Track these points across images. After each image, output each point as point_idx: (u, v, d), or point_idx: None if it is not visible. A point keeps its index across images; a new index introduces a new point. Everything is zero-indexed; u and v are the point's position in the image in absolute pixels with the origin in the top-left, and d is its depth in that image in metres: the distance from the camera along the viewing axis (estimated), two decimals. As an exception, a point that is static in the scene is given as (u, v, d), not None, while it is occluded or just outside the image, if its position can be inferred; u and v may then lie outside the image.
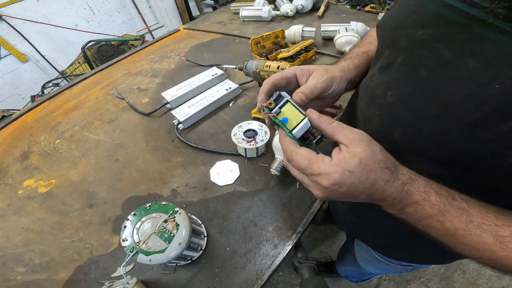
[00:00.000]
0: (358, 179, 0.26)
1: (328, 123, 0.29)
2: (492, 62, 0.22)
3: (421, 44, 0.27)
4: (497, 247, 0.24)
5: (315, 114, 0.30)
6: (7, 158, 0.73)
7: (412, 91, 0.28)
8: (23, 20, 2.01)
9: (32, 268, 0.50)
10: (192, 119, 0.74)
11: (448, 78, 0.25)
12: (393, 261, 0.57)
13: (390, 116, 0.31)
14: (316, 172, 0.27)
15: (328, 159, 0.27)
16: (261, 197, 0.57)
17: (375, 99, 0.34)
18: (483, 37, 0.22)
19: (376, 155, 0.27)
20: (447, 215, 0.25)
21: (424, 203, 0.26)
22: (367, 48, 0.45)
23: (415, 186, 0.27)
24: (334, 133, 0.29)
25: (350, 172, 0.26)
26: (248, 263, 0.48)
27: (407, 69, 0.29)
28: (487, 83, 0.22)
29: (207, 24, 1.32)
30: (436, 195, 0.26)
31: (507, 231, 0.24)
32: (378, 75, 0.34)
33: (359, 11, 1.24)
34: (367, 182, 0.26)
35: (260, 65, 0.64)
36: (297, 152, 0.29)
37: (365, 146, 0.27)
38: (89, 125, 0.79)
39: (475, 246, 0.25)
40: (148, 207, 0.44)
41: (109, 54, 1.73)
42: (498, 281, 1.19)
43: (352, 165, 0.26)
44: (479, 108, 0.22)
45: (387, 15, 0.36)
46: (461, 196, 0.26)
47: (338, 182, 0.26)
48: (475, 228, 0.25)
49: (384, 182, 0.26)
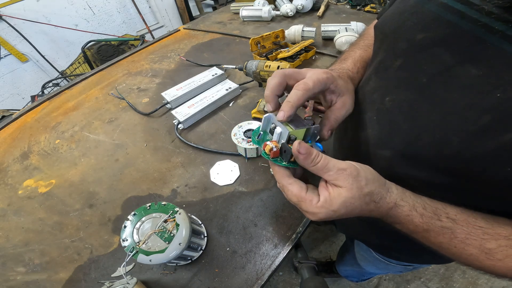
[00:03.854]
0: (342, 215, 0.28)
1: (312, 164, 0.27)
2: (495, 69, 0.21)
3: (421, 48, 0.27)
4: (483, 257, 0.25)
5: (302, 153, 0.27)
6: (7, 158, 0.73)
7: (410, 97, 0.28)
8: (23, 20, 2.01)
9: (32, 268, 0.50)
10: (192, 119, 0.74)
11: (448, 85, 0.24)
12: (393, 261, 0.57)
13: (388, 122, 0.31)
14: (304, 209, 0.29)
15: (315, 200, 0.28)
16: (261, 197, 0.57)
17: (372, 105, 0.33)
18: (486, 42, 0.22)
19: (362, 190, 0.26)
20: (431, 232, 0.27)
21: (408, 224, 0.28)
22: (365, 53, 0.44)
23: (398, 212, 0.28)
24: (319, 173, 0.28)
25: (334, 211, 0.27)
26: (248, 263, 0.48)
27: (406, 74, 0.28)
28: (489, 91, 0.21)
29: (207, 24, 1.32)
30: (420, 217, 0.27)
31: (493, 244, 0.24)
32: (375, 79, 0.34)
33: (359, 11, 1.24)
34: (352, 214, 0.28)
35: (260, 65, 0.64)
36: (288, 188, 0.29)
37: (351, 184, 0.26)
38: (89, 125, 0.79)
39: (461, 256, 0.26)
40: (148, 207, 0.44)
41: (109, 54, 1.73)
42: (498, 281, 1.19)
43: (336, 205, 0.26)
44: (480, 116, 0.22)
45: (385, 16, 0.35)
46: (448, 215, 0.27)
47: (323, 218, 0.28)
48: (459, 242, 0.26)
49: (369, 212, 0.28)
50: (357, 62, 0.42)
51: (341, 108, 0.34)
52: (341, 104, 0.34)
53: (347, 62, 0.42)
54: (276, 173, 0.31)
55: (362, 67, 0.42)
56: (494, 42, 0.21)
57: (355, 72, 0.40)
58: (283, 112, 0.29)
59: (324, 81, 0.32)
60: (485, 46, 0.22)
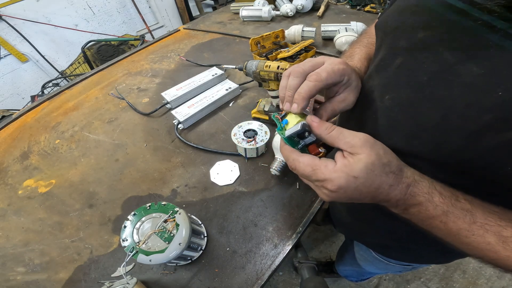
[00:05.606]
0: (363, 184, 0.25)
1: (327, 132, 0.28)
2: (497, 68, 0.21)
3: (422, 47, 0.26)
4: (499, 247, 0.24)
5: (315, 121, 0.29)
6: (7, 158, 0.73)
7: (411, 95, 0.27)
8: (23, 20, 2.01)
9: (32, 268, 0.50)
10: (192, 119, 0.74)
11: (449, 83, 0.24)
12: (392, 261, 0.57)
13: (388, 121, 0.30)
14: (320, 178, 0.27)
15: (331, 164, 0.27)
16: (261, 197, 0.57)
17: (372, 102, 0.33)
18: (487, 41, 0.21)
19: (381, 159, 0.26)
20: (451, 216, 0.25)
21: (428, 204, 0.26)
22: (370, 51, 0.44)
23: (418, 188, 0.26)
24: (334, 141, 0.28)
25: (355, 178, 0.25)
26: (248, 263, 0.48)
27: (406, 72, 0.28)
28: (490, 90, 0.21)
29: (207, 24, 1.32)
30: (439, 196, 0.26)
31: (510, 232, 0.23)
32: (375, 77, 0.34)
33: (359, 11, 1.24)
34: (372, 187, 0.26)
35: (260, 65, 0.64)
36: (299, 160, 0.28)
37: (369, 150, 0.26)
38: (89, 125, 0.79)
39: (478, 246, 0.25)
40: (148, 207, 0.44)
41: (109, 54, 1.73)
42: (498, 281, 1.19)
43: (357, 170, 0.25)
44: (481, 116, 0.22)
45: (386, 14, 0.35)
46: (465, 197, 0.26)
47: (343, 187, 0.26)
48: (478, 228, 0.24)
49: (389, 186, 0.26)
50: (364, 60, 0.42)
51: (342, 102, 0.34)
52: (343, 97, 0.34)
53: (353, 59, 0.42)
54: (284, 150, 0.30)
55: (367, 65, 0.42)
56: (496, 41, 0.21)
57: (363, 71, 0.40)
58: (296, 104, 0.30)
59: (340, 72, 0.31)
60: (487, 45, 0.22)
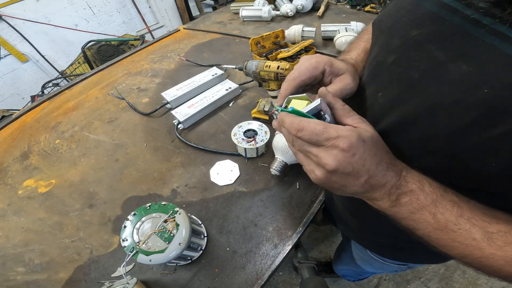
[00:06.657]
0: (369, 151, 0.25)
1: (342, 103, 0.29)
2: (485, 65, 0.21)
3: (415, 45, 0.27)
4: (485, 243, 0.24)
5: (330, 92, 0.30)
6: (7, 158, 0.73)
7: (401, 92, 0.28)
8: (23, 20, 2.01)
9: (32, 268, 0.50)
10: (192, 119, 0.74)
11: (439, 81, 0.24)
12: (387, 260, 0.57)
13: (379, 116, 0.31)
14: (333, 135, 0.25)
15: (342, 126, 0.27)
16: (261, 197, 0.57)
17: (365, 100, 0.34)
18: (477, 38, 0.22)
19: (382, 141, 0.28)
20: (439, 206, 0.25)
21: (419, 192, 0.26)
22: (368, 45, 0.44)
23: (411, 173, 0.27)
24: (345, 114, 0.29)
25: (364, 142, 0.25)
26: (248, 263, 0.48)
27: (398, 70, 0.29)
28: (477, 87, 0.21)
29: (207, 24, 1.32)
30: (429, 186, 0.26)
31: (494, 228, 0.23)
32: (368, 74, 0.34)
33: (359, 11, 1.24)
34: (375, 159, 0.26)
35: (260, 65, 0.64)
36: (308, 120, 0.26)
37: (373, 130, 0.28)
38: (89, 125, 0.79)
39: (464, 242, 0.25)
40: (148, 207, 0.44)
41: (109, 54, 1.73)
42: (498, 281, 1.19)
43: (366, 136, 0.26)
44: (467, 112, 0.22)
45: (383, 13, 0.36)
46: (451, 190, 0.26)
47: (354, 147, 0.25)
48: (465, 222, 0.24)
49: (387, 165, 0.26)
50: (361, 52, 0.42)
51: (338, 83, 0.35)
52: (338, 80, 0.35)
53: (350, 53, 0.43)
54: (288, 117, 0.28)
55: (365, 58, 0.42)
56: (483, 38, 0.21)
57: (359, 61, 0.41)
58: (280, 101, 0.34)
59: (312, 65, 0.34)
60: (476, 43, 0.22)
